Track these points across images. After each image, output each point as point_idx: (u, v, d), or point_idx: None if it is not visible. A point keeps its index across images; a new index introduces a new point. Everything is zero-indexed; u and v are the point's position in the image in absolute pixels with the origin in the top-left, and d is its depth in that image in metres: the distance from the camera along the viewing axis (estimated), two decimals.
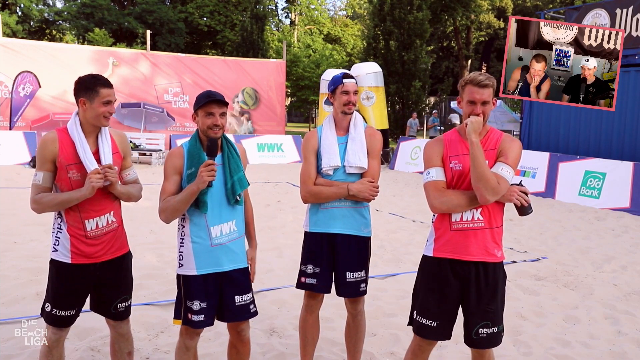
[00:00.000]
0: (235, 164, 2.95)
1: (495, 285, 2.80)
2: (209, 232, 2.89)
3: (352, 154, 3.31)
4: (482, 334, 2.79)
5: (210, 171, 2.74)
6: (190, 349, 3.01)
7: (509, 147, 2.77)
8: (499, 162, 2.73)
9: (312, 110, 38.40)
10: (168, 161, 2.93)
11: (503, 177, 2.68)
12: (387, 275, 5.83)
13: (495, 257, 2.79)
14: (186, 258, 2.92)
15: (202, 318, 2.89)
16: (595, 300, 5.24)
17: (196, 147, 2.91)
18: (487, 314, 2.78)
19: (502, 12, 44.69)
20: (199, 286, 2.89)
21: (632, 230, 8.66)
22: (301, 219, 8.16)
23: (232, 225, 2.95)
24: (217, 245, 2.90)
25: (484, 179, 2.62)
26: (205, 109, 2.85)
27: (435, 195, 2.76)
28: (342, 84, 3.34)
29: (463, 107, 2.81)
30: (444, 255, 2.80)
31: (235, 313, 2.97)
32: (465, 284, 2.79)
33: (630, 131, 12.09)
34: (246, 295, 2.99)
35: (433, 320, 2.82)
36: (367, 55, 22.97)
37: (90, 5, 37.49)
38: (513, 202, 2.75)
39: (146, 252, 6.29)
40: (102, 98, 2.84)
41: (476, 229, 2.76)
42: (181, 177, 2.91)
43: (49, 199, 2.84)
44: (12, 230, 7.25)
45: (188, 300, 2.90)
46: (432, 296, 2.83)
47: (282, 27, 47.79)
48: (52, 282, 2.94)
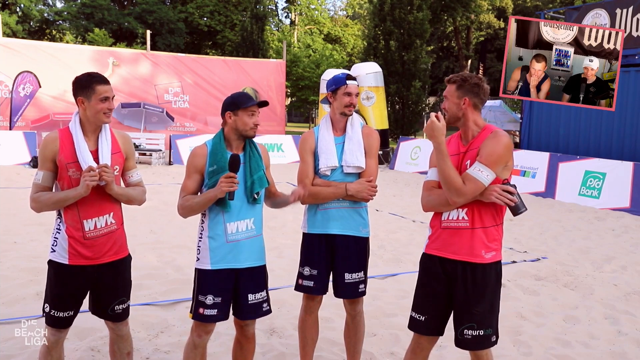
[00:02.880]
0: (255, 163, 3.02)
1: (484, 288, 2.75)
2: (225, 228, 2.94)
3: (350, 154, 3.30)
4: (467, 335, 2.76)
5: (229, 183, 2.82)
6: (198, 347, 3.03)
7: (484, 145, 2.72)
8: (475, 162, 2.70)
9: (312, 110, 38.40)
10: (191, 159, 3.00)
11: (473, 177, 2.65)
12: (387, 275, 5.83)
13: (481, 258, 2.73)
14: (202, 252, 2.98)
15: (214, 312, 2.93)
16: (595, 300, 5.24)
17: (220, 145, 2.97)
18: (473, 316, 2.74)
19: (502, 12, 44.69)
20: (211, 281, 2.94)
21: (632, 230, 8.66)
22: (301, 219, 8.16)
23: (249, 223, 3.00)
24: (233, 242, 2.95)
25: (446, 181, 2.70)
26: (251, 109, 2.96)
27: (423, 195, 2.90)
28: (345, 85, 3.34)
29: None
30: (434, 252, 2.85)
31: (247, 311, 3.01)
32: (452, 282, 2.80)
33: (630, 131, 12.09)
34: (259, 294, 3.04)
35: (422, 314, 2.86)
36: (367, 55, 22.96)
37: (90, 5, 37.47)
38: (494, 201, 2.68)
39: (146, 252, 6.29)
40: (99, 95, 2.84)
41: (460, 229, 2.76)
42: (202, 175, 2.98)
43: (46, 198, 2.85)
44: (12, 230, 7.25)
45: (200, 294, 2.95)
46: (422, 290, 2.90)
47: (282, 27, 47.80)
48: (50, 283, 2.94)
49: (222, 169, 2.90)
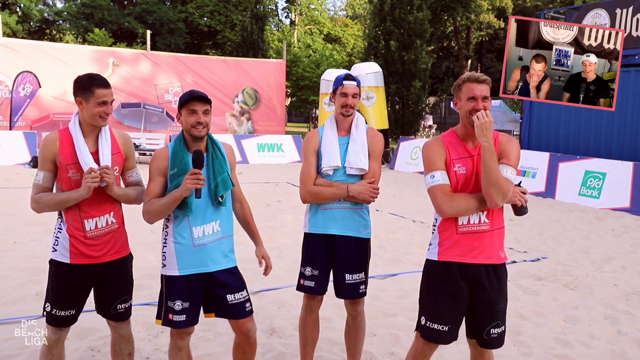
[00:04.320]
0: (219, 165, 2.92)
1: (503, 285, 2.82)
2: (191, 232, 2.86)
3: (353, 155, 3.29)
4: (493, 334, 2.80)
5: (194, 180, 2.72)
6: (182, 349, 2.99)
7: (509, 148, 2.76)
8: (502, 165, 2.69)
9: (312, 110, 38.39)
10: (153, 162, 2.91)
11: (509, 179, 2.68)
12: (387, 275, 5.83)
13: (500, 258, 2.80)
14: (169, 258, 2.89)
15: (183, 318, 2.87)
16: (595, 300, 5.24)
17: (180, 147, 2.89)
18: (498, 314, 2.80)
19: (502, 12, 44.67)
20: (180, 287, 2.87)
21: (632, 230, 8.66)
22: (301, 219, 8.16)
23: (215, 225, 2.91)
24: (200, 246, 2.87)
25: (497, 184, 2.59)
26: (188, 106, 2.82)
27: (444, 200, 2.70)
28: (341, 86, 3.32)
29: (461, 106, 2.76)
30: (452, 258, 2.76)
31: (231, 311, 2.94)
32: (474, 286, 2.77)
33: (630, 131, 12.09)
34: (239, 294, 2.95)
35: (444, 325, 2.79)
36: (368, 55, 22.96)
37: (90, 6, 37.46)
38: (515, 202, 2.76)
39: (146, 252, 6.29)
40: (97, 98, 2.83)
41: (482, 232, 2.74)
42: (165, 178, 2.89)
43: (47, 199, 2.85)
44: (12, 230, 7.25)
45: (169, 300, 2.88)
46: (442, 300, 2.79)
47: (282, 27, 47.78)
48: (51, 282, 2.95)
49: (183, 172, 2.81)
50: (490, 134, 2.63)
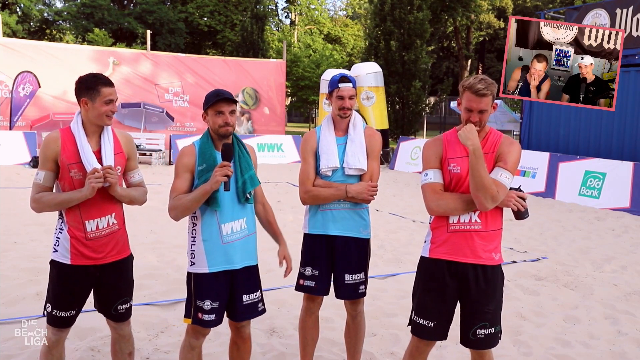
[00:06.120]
0: (246, 163, 2.99)
1: (494, 286, 2.79)
2: (220, 229, 2.91)
3: (352, 156, 3.28)
4: (479, 334, 2.79)
5: (224, 171, 2.76)
6: (195, 348, 3.02)
7: (507, 151, 2.73)
8: (498, 167, 2.69)
9: (312, 110, 38.39)
10: (179, 159, 2.95)
11: (502, 183, 2.65)
12: (387, 275, 5.83)
13: (492, 260, 2.77)
14: (198, 256, 2.93)
15: (213, 317, 2.92)
16: (595, 300, 5.24)
17: (208, 144, 2.94)
18: (485, 315, 2.78)
19: (502, 12, 44.68)
20: (209, 284, 2.91)
21: (632, 230, 8.66)
22: (301, 219, 8.16)
23: (242, 222, 2.97)
24: (229, 243, 2.92)
25: (483, 188, 2.60)
26: (215, 107, 2.88)
27: (432, 198, 2.75)
28: (337, 89, 3.29)
29: (461, 109, 2.78)
30: (441, 256, 2.79)
31: (241, 312, 2.99)
32: (462, 284, 2.78)
33: (630, 131, 12.09)
34: (254, 294, 3.02)
35: (430, 321, 2.81)
36: (369, 55, 22.97)
37: (90, 6, 37.45)
38: (510, 207, 2.73)
39: (146, 252, 6.29)
40: (103, 97, 2.83)
41: (473, 231, 2.75)
42: (192, 174, 2.92)
43: (49, 199, 2.84)
44: (12, 230, 7.25)
45: (198, 299, 2.92)
46: (429, 296, 2.83)
47: (282, 27, 47.79)
48: (52, 283, 2.94)
49: (211, 167, 2.86)
50: (476, 137, 2.64)
